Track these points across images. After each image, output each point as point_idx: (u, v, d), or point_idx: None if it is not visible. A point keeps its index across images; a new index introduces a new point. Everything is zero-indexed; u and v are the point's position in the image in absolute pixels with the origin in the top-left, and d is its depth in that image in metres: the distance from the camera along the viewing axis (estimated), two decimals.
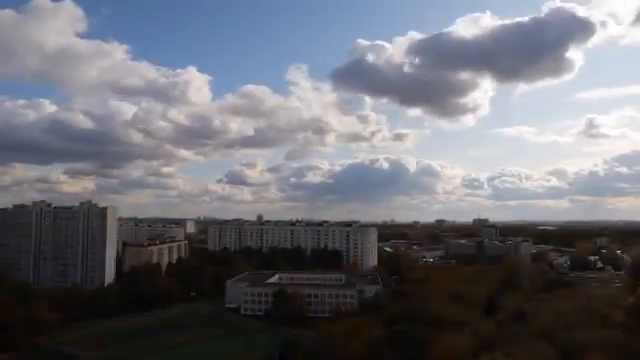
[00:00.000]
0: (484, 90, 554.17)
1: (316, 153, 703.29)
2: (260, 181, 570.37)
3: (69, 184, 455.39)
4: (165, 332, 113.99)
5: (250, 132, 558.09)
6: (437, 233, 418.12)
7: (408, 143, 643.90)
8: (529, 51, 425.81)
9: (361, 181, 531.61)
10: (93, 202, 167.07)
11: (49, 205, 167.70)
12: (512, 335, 69.07)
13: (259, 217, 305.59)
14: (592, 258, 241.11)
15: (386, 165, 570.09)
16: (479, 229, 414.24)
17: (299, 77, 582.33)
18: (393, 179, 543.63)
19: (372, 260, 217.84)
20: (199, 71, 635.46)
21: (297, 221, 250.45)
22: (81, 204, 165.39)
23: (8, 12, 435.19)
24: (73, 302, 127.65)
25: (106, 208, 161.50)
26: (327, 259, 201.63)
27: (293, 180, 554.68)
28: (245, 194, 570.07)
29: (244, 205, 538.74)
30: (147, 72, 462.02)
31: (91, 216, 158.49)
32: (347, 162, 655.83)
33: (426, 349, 69.53)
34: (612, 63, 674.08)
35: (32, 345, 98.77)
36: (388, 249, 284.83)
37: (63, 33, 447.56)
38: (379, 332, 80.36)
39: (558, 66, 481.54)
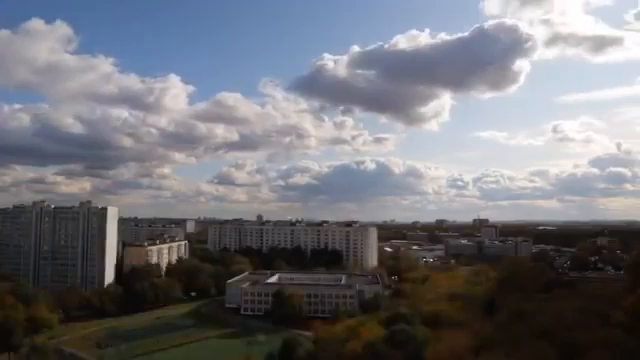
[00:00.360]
0: (446, 98, 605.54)
1: (301, 155, 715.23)
2: (252, 182, 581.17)
3: (65, 185, 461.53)
4: (165, 332, 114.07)
5: (235, 137, 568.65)
6: (437, 233, 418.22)
7: (390, 146, 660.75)
8: (482, 62, 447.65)
9: (350, 181, 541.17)
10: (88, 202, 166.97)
11: (49, 205, 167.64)
12: (512, 335, 69.04)
13: (259, 217, 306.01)
14: (592, 258, 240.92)
15: (373, 166, 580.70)
16: (479, 229, 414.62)
17: (271, 88, 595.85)
18: (381, 179, 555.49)
19: (372, 260, 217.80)
20: (182, 81, 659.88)
21: (297, 221, 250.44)
22: (81, 204, 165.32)
23: (4, 32, 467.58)
24: (73, 302, 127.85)
25: (106, 208, 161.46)
26: (327, 259, 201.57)
27: (283, 181, 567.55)
28: (238, 194, 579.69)
29: (238, 205, 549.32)
30: (134, 83, 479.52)
31: (91, 216, 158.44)
32: (334, 163, 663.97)
33: (426, 349, 69.62)
34: (569, 72, 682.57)
35: (32, 345, 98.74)
36: (388, 249, 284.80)
37: (53, 50, 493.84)
38: (379, 332, 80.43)
39: (506, 76, 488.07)
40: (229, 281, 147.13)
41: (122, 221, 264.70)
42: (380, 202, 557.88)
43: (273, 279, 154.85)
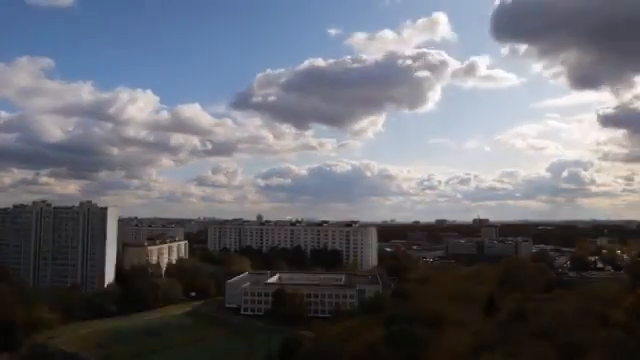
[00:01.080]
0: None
1: (278, 160, 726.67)
2: (238, 184, 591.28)
3: (55, 186, 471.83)
4: (165, 332, 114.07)
5: (208, 145, 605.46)
6: (437, 233, 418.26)
7: (357, 152, 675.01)
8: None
9: (330, 182, 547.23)
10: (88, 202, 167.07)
11: (49, 205, 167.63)
12: (512, 335, 69.03)
13: (259, 217, 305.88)
14: (592, 258, 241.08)
15: (348, 168, 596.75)
16: (479, 229, 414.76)
17: (225, 104, 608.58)
18: (358, 181, 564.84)
19: (372, 260, 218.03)
20: (154, 93, 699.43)
21: (297, 221, 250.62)
22: (81, 204, 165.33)
23: None
24: (73, 302, 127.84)
25: (106, 208, 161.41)
26: (327, 259, 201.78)
27: (266, 182, 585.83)
28: (224, 195, 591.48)
29: (226, 205, 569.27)
30: (116, 99, 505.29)
31: (91, 216, 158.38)
32: (312, 166, 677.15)
33: (426, 349, 69.58)
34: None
35: (32, 345, 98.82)
36: (388, 249, 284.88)
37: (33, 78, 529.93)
38: (379, 332, 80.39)
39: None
40: (229, 281, 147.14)
41: (122, 221, 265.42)
42: (364, 202, 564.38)
43: (273, 279, 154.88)
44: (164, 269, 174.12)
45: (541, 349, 61.66)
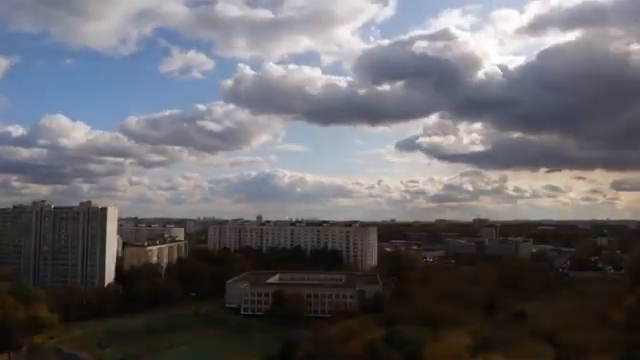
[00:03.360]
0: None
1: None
2: (195, 187, 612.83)
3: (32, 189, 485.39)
4: (165, 332, 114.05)
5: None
6: (437, 233, 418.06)
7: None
8: None
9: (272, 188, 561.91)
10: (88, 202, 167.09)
11: (49, 205, 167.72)
12: (512, 335, 69.11)
13: (259, 217, 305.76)
14: (592, 258, 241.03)
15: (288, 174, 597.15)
16: (479, 229, 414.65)
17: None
18: (293, 188, 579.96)
19: (372, 260, 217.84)
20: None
21: (297, 221, 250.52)
22: (81, 204, 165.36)
23: None
24: (73, 302, 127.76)
25: (106, 208, 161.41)
26: (327, 259, 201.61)
27: (218, 185, 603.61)
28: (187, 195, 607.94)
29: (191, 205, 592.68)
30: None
31: (91, 216, 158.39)
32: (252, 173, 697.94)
33: (425, 349, 69.63)
34: None
35: (32, 345, 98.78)
36: (388, 249, 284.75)
37: None
38: (379, 332, 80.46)
39: None
40: (229, 281, 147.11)
41: (122, 221, 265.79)
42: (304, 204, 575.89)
43: (273, 279, 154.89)
44: (164, 269, 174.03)
45: (541, 349, 61.74)
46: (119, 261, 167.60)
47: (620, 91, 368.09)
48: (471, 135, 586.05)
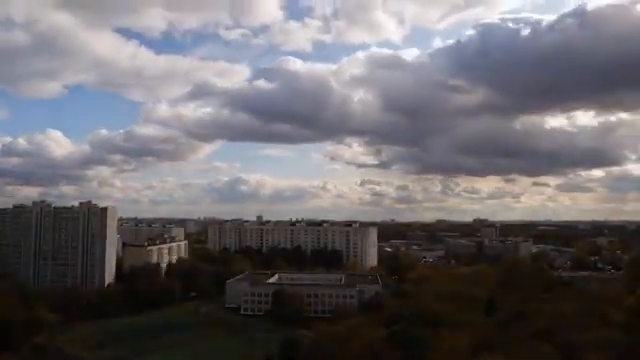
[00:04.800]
0: None
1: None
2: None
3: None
4: (165, 332, 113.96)
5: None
6: (437, 233, 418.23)
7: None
8: None
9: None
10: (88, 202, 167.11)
11: (49, 205, 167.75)
12: (512, 335, 69.09)
13: (259, 217, 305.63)
14: (592, 258, 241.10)
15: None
16: (479, 229, 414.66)
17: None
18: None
19: (372, 260, 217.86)
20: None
21: (297, 221, 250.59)
22: (81, 204, 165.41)
23: None
24: (73, 302, 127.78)
25: (106, 208, 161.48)
26: (327, 259, 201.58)
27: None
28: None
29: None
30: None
31: (91, 216, 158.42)
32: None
33: (426, 349, 69.59)
34: None
35: (32, 345, 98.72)
36: (388, 249, 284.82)
37: None
38: (379, 332, 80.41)
39: None
40: (229, 281, 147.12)
41: (122, 221, 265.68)
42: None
43: (273, 279, 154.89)
44: (164, 269, 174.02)
45: (541, 349, 61.71)
46: (119, 261, 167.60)
47: None
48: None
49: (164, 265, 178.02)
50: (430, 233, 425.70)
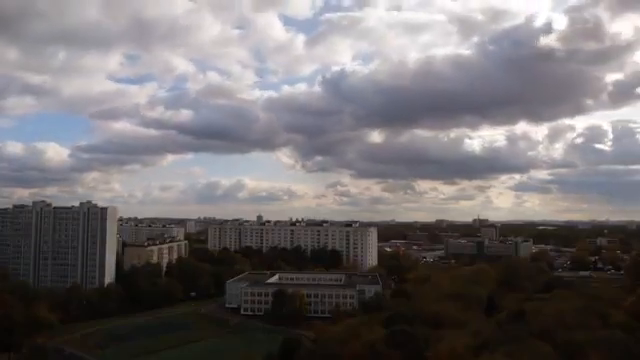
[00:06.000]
0: None
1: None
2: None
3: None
4: (165, 332, 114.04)
5: None
6: (437, 233, 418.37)
7: None
8: None
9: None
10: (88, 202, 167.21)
11: (49, 205, 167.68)
12: (512, 335, 69.02)
13: (259, 217, 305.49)
14: (592, 258, 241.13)
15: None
16: (479, 229, 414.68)
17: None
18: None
19: (372, 260, 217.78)
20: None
21: (297, 221, 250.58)
22: (81, 204, 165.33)
23: None
24: (73, 302, 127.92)
25: (106, 208, 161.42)
26: (327, 259, 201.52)
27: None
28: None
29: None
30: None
31: (91, 216, 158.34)
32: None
33: (426, 349, 69.58)
34: None
35: (32, 345, 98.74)
36: (388, 249, 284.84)
37: None
38: (379, 332, 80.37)
39: None
40: (229, 281, 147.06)
41: (122, 221, 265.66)
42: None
43: (273, 279, 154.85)
44: (164, 269, 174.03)
45: (541, 349, 61.67)
46: (119, 261, 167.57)
47: None
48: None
49: (164, 265, 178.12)
50: (430, 233, 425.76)
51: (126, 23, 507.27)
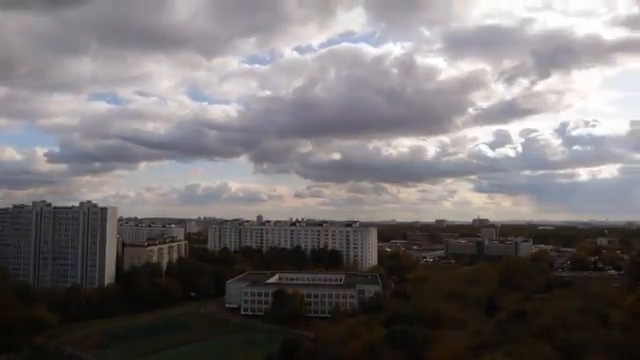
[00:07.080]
0: None
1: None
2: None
3: None
4: (165, 332, 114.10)
5: None
6: (437, 233, 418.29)
7: None
8: None
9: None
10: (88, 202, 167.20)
11: (49, 205, 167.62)
12: (512, 335, 69.01)
13: (259, 217, 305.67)
14: (592, 258, 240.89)
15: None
16: (479, 229, 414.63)
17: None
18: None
19: (372, 260, 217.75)
20: None
21: (297, 221, 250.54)
22: (81, 204, 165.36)
23: None
24: (73, 302, 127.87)
25: (106, 208, 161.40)
26: (327, 259, 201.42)
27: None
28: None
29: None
30: None
31: (91, 216, 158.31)
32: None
33: (426, 349, 69.57)
34: None
35: (32, 345, 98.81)
36: (388, 249, 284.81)
37: None
38: (379, 332, 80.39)
39: None
40: (229, 281, 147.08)
41: (122, 221, 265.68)
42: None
43: (273, 279, 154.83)
44: (164, 269, 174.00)
45: (541, 349, 61.66)
46: (119, 261, 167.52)
47: None
48: None
49: (164, 265, 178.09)
50: (430, 233, 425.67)
51: None
